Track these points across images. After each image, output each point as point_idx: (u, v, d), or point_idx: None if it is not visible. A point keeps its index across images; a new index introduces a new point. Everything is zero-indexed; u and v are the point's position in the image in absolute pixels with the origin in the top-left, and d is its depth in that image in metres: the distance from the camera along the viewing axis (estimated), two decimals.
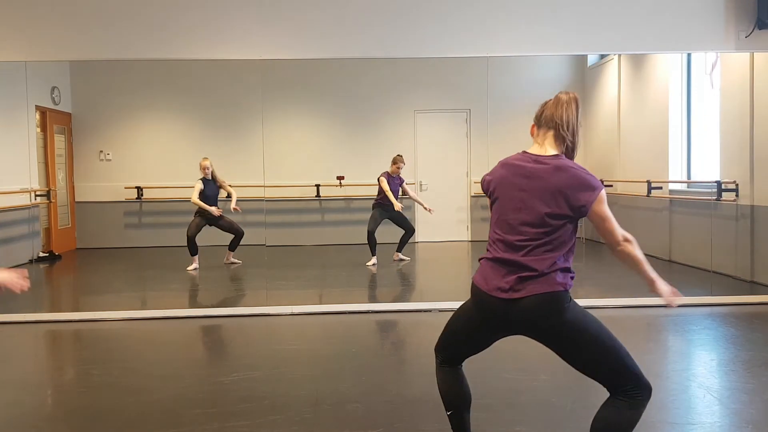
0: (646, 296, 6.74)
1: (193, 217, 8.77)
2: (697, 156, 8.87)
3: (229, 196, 8.96)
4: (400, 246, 9.24)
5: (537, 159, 2.63)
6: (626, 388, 2.56)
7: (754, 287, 7.15)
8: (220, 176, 8.97)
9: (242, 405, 3.83)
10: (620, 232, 2.59)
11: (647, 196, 9.28)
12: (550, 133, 2.67)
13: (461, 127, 11.36)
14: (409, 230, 9.17)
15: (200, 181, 8.71)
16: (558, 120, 2.65)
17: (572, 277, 2.60)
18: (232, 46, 6.39)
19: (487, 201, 2.81)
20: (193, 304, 7.29)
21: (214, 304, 7.25)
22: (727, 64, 7.78)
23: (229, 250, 9.04)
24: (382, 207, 9.01)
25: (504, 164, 2.72)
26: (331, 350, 5.17)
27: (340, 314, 6.26)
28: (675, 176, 9.06)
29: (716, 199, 7.74)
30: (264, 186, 9.05)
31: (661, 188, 9.16)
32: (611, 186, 10.76)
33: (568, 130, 2.65)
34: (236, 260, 9.09)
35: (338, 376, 4.42)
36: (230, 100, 11.11)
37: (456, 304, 2.98)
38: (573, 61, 11.89)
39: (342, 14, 6.41)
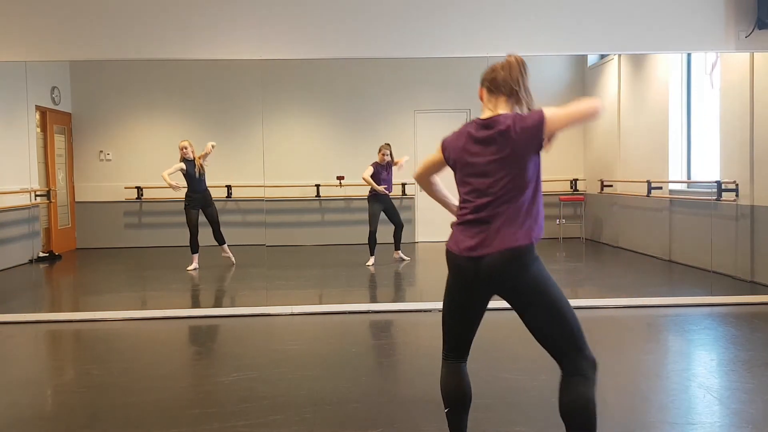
0: (646, 296, 6.76)
1: (186, 214, 8.71)
2: (697, 156, 8.87)
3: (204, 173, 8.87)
4: (397, 244, 9.23)
5: (487, 124, 2.70)
6: (574, 359, 2.64)
7: (754, 287, 7.15)
8: (215, 169, 8.94)
9: (242, 405, 3.83)
10: (584, 104, 2.61)
11: (647, 196, 9.28)
12: (503, 98, 2.73)
13: None
14: (398, 225, 9.13)
15: (182, 162, 8.66)
16: (515, 85, 2.71)
17: (538, 232, 2.66)
18: (232, 46, 6.39)
19: None
20: (193, 304, 7.28)
21: (214, 304, 7.25)
22: (727, 64, 7.78)
23: (219, 244, 8.97)
24: (375, 198, 8.99)
25: (459, 133, 2.80)
26: (331, 350, 5.17)
27: (340, 314, 6.26)
28: (675, 176, 9.06)
29: (716, 199, 7.74)
30: (264, 186, 9.06)
31: (661, 188, 9.16)
32: (611, 186, 10.77)
33: (527, 94, 2.72)
34: (231, 256, 9.02)
35: (338, 376, 4.41)
36: (230, 100, 11.12)
37: None
38: (573, 61, 11.90)
39: (342, 14, 6.41)
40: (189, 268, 8.69)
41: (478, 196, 2.69)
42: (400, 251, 9.27)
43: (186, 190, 8.71)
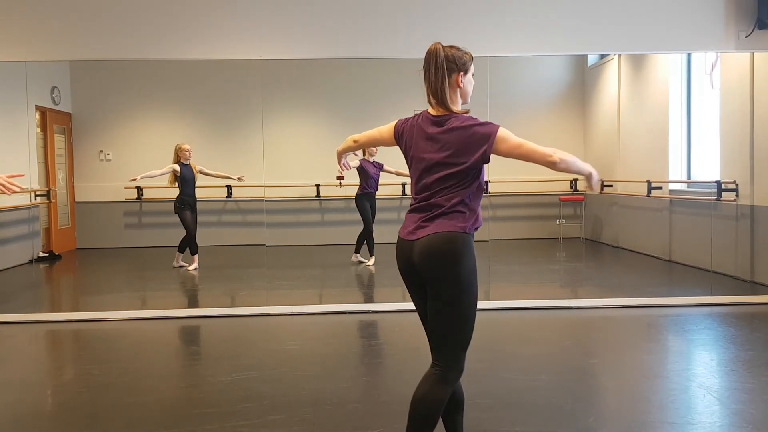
0: (646, 296, 6.76)
1: (181, 216, 8.69)
2: (697, 156, 8.87)
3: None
4: (358, 246, 9.00)
5: (436, 121, 2.79)
6: (449, 363, 2.69)
7: (754, 287, 7.15)
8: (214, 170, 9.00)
9: (242, 405, 3.83)
10: (544, 148, 2.69)
11: (647, 196, 9.28)
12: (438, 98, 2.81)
13: None
14: (368, 229, 8.90)
15: (177, 164, 8.65)
16: (443, 94, 2.79)
17: (476, 224, 2.73)
18: (232, 46, 6.38)
19: (487, 201, 2.88)
20: (193, 304, 7.29)
21: (214, 304, 7.25)
22: (727, 64, 7.78)
23: (179, 251, 8.89)
24: (364, 197, 8.94)
25: (413, 125, 2.87)
26: (331, 350, 5.17)
27: (340, 314, 6.26)
28: (675, 176, 9.07)
29: (716, 199, 7.74)
30: (264, 186, 9.05)
31: (661, 188, 9.16)
32: (611, 186, 10.77)
33: (453, 89, 2.80)
34: (185, 264, 8.93)
35: (338, 376, 4.42)
36: (230, 100, 11.11)
37: None
38: (573, 61, 11.89)
39: (342, 14, 6.41)
40: (190, 268, 8.69)
41: (423, 188, 2.78)
42: (359, 255, 9.05)
43: (179, 193, 8.71)
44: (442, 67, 2.79)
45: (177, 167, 8.62)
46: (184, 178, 8.64)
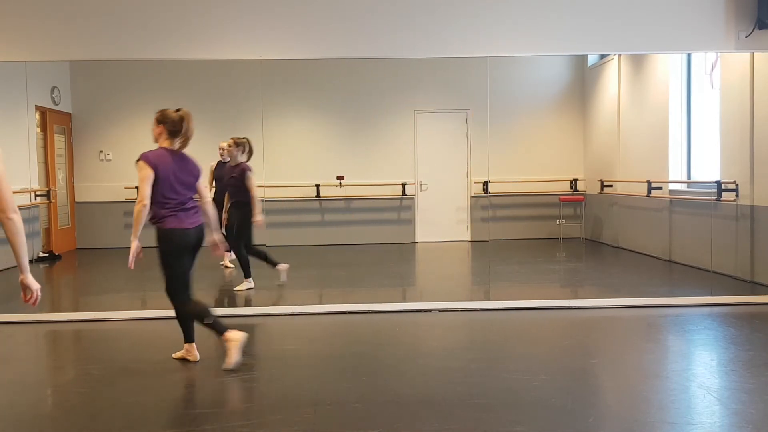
0: (646, 296, 6.76)
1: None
2: (697, 156, 8.87)
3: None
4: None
5: (176, 152, 4.76)
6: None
7: (754, 287, 7.15)
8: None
9: (242, 405, 3.83)
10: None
11: (647, 196, 9.29)
12: (180, 141, 4.73)
13: (461, 127, 11.36)
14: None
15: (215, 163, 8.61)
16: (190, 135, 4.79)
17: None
18: (232, 46, 6.39)
19: (487, 201, 2.88)
20: None
21: (214, 304, 7.24)
22: (727, 64, 7.78)
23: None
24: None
25: (164, 156, 4.74)
26: (331, 350, 5.17)
27: (340, 314, 6.26)
28: (675, 176, 9.07)
29: (716, 199, 7.74)
30: (264, 186, 9.05)
31: (661, 188, 9.17)
32: (611, 186, 10.77)
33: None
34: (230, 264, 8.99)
35: (338, 376, 4.42)
36: (230, 100, 11.12)
37: (456, 304, 3.00)
38: (573, 61, 11.90)
39: (342, 14, 6.41)
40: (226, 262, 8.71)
41: (179, 195, 4.83)
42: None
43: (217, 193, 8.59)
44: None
45: (212, 164, 8.61)
46: (217, 178, 8.62)
